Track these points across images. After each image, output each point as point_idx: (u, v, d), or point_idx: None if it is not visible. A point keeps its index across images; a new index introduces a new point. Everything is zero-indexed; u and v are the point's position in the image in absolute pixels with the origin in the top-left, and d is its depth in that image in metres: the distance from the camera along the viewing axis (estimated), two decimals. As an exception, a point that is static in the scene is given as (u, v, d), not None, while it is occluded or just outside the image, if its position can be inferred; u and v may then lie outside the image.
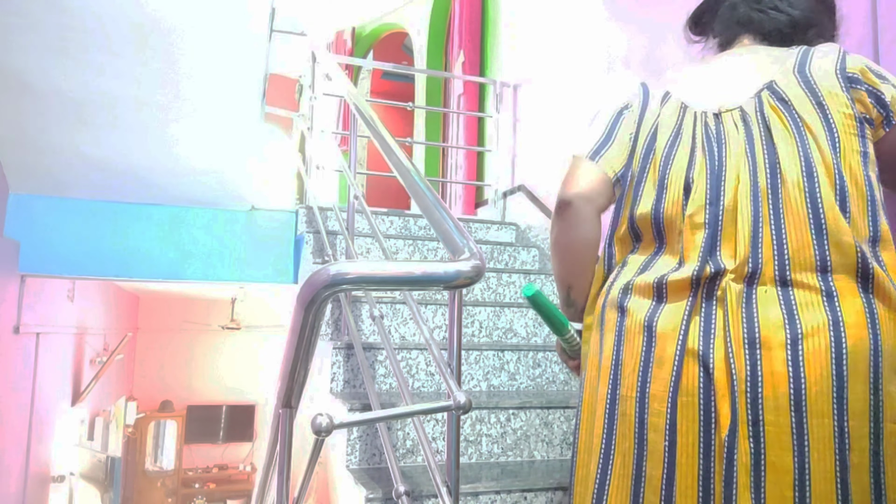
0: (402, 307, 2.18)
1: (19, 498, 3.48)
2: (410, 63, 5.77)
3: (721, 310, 0.93)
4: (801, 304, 0.90)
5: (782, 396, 0.87)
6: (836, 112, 0.97)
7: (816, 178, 0.93)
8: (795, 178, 0.94)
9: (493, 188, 3.64)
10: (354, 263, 0.83)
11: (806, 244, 0.91)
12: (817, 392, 0.86)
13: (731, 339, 0.91)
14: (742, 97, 1.05)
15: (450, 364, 1.03)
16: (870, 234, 0.93)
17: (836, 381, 0.86)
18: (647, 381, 0.96)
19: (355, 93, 2.02)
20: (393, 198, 5.66)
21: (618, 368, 1.01)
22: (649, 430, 0.95)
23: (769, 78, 1.04)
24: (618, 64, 2.55)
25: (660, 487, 0.93)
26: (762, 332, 0.90)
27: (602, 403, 1.02)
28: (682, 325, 0.95)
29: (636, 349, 0.99)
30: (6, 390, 3.17)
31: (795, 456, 0.86)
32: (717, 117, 1.05)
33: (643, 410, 0.96)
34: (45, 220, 2.95)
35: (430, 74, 4.75)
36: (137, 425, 6.74)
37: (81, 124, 2.63)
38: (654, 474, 0.94)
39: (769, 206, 0.95)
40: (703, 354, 0.92)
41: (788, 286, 0.91)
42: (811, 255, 0.91)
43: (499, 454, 1.74)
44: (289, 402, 0.92)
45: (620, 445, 0.98)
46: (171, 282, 3.22)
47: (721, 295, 0.94)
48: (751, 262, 0.93)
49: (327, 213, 2.86)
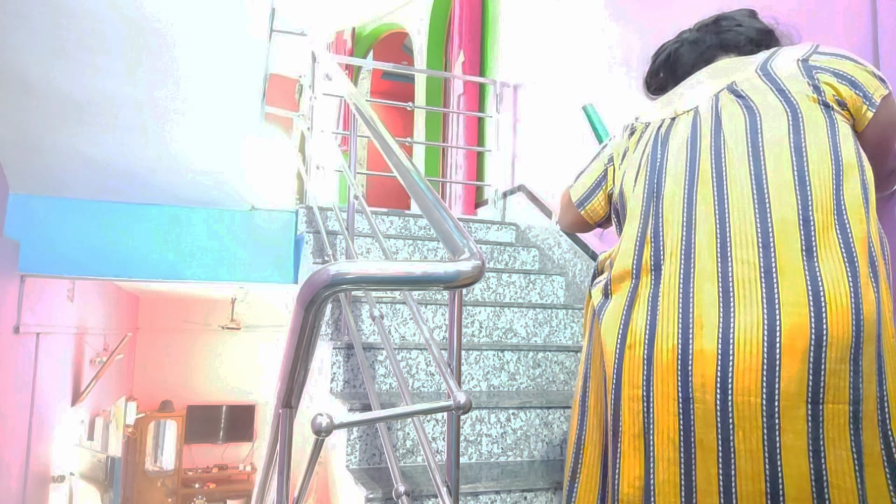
0: (402, 307, 2.18)
1: (19, 498, 3.47)
2: (410, 63, 5.77)
3: (662, 292, 0.96)
4: (737, 281, 0.89)
5: (709, 375, 0.87)
6: (798, 94, 0.97)
7: (762, 156, 0.94)
8: (740, 156, 0.95)
9: (493, 188, 3.64)
10: (354, 263, 0.83)
11: (748, 220, 0.91)
12: (744, 370, 0.85)
13: (667, 321, 0.93)
14: (700, 100, 1.08)
15: (450, 364, 1.03)
16: (833, 205, 0.90)
17: (766, 360, 0.84)
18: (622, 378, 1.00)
19: (355, 93, 2.02)
20: (393, 198, 5.66)
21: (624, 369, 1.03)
22: (612, 419, 0.99)
23: (730, 81, 1.06)
24: (618, 64, 2.55)
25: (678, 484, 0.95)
26: (695, 311, 0.91)
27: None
28: (622, 314, 1.00)
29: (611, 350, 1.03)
30: (6, 390, 3.17)
31: (719, 433, 0.86)
32: (673, 121, 1.09)
33: (619, 399, 0.99)
34: (45, 220, 2.94)
35: (430, 74, 4.75)
36: (137, 425, 6.74)
37: (82, 124, 2.63)
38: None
39: (713, 188, 0.96)
40: (648, 339, 0.95)
41: (728, 262, 0.91)
42: (753, 231, 0.90)
43: (499, 454, 1.74)
44: (289, 402, 0.91)
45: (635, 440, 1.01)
46: (171, 282, 3.22)
47: (659, 278, 0.97)
48: (684, 243, 0.95)
49: (327, 213, 2.86)
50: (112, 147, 2.78)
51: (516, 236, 3.27)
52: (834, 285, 0.85)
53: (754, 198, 0.92)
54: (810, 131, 0.94)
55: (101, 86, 2.47)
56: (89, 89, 2.47)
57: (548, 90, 3.19)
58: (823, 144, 0.93)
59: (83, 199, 2.99)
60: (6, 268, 2.88)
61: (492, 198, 3.67)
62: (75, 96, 2.49)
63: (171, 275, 3.08)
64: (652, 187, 1.04)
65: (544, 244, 2.98)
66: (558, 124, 3.03)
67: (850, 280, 0.85)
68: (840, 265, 0.86)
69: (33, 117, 2.57)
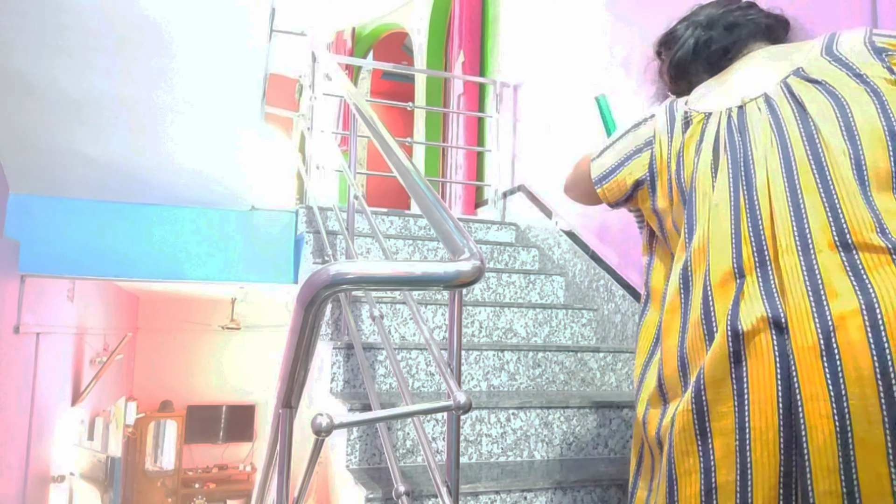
0: (402, 307, 2.18)
1: (19, 498, 3.47)
2: (410, 63, 5.77)
3: (783, 289, 0.88)
4: (868, 267, 0.84)
5: (866, 367, 0.80)
6: (876, 77, 0.94)
7: (858, 140, 0.90)
8: (838, 145, 0.90)
9: (493, 188, 3.64)
10: (354, 263, 0.83)
11: (859, 205, 0.86)
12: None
13: (800, 318, 0.85)
14: (767, 86, 1.02)
15: (450, 364, 1.03)
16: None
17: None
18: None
19: (355, 93, 2.02)
20: (393, 198, 5.66)
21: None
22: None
23: (795, 66, 1.01)
24: (618, 64, 2.55)
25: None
26: (830, 304, 0.83)
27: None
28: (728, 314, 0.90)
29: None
30: (6, 390, 3.17)
31: (887, 429, 0.79)
32: (741, 109, 1.03)
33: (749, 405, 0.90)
34: (45, 220, 2.95)
35: (430, 74, 4.75)
36: (137, 425, 6.74)
37: (82, 124, 2.63)
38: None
39: (814, 175, 0.90)
40: (774, 322, 0.87)
41: (852, 250, 0.85)
42: (868, 217, 0.86)
43: (499, 454, 1.74)
44: (289, 402, 0.91)
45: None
46: (171, 282, 3.22)
47: (768, 275, 0.89)
48: (797, 235, 0.88)
49: (327, 213, 2.86)
50: (112, 147, 2.78)
51: (516, 236, 3.27)
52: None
53: (857, 182, 0.88)
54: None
55: (102, 85, 2.47)
56: (89, 89, 2.47)
57: (548, 90, 3.18)
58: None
59: (83, 199, 2.99)
60: (6, 268, 2.88)
61: (492, 198, 3.67)
62: (75, 96, 2.49)
63: (171, 275, 3.08)
64: (738, 179, 0.96)
65: (544, 244, 2.98)
66: (558, 124, 3.03)
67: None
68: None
69: (33, 117, 2.57)
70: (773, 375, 0.87)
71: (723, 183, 0.98)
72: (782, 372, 0.86)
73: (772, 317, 0.87)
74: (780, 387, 0.86)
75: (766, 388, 0.87)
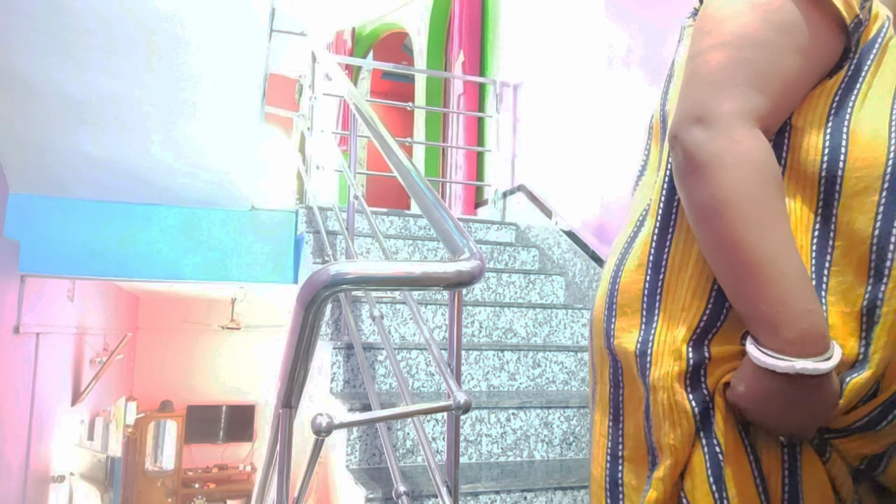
0: (402, 307, 2.18)
1: (19, 498, 3.47)
2: (410, 63, 5.77)
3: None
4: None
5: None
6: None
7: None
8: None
9: (493, 188, 3.64)
10: (354, 263, 0.83)
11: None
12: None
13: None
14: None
15: (450, 364, 1.03)
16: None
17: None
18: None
19: (355, 93, 2.02)
20: (393, 198, 5.66)
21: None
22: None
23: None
24: (618, 63, 2.55)
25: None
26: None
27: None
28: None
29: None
30: (6, 390, 3.17)
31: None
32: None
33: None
34: (45, 220, 2.95)
35: (430, 74, 4.75)
36: (137, 425, 6.74)
37: (81, 124, 2.63)
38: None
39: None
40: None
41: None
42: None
43: (499, 454, 1.74)
44: (289, 402, 0.91)
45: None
46: (171, 282, 3.22)
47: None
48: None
49: (327, 213, 2.86)
50: (112, 147, 2.78)
51: (516, 236, 3.27)
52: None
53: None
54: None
55: (101, 85, 2.47)
56: (89, 89, 2.47)
57: (548, 90, 3.19)
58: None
59: (83, 199, 2.99)
60: (6, 268, 2.88)
61: (492, 198, 3.67)
62: (75, 96, 2.49)
63: (170, 275, 3.08)
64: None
65: (544, 244, 2.98)
66: (558, 124, 3.03)
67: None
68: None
69: (33, 117, 2.57)
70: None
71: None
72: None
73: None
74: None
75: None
